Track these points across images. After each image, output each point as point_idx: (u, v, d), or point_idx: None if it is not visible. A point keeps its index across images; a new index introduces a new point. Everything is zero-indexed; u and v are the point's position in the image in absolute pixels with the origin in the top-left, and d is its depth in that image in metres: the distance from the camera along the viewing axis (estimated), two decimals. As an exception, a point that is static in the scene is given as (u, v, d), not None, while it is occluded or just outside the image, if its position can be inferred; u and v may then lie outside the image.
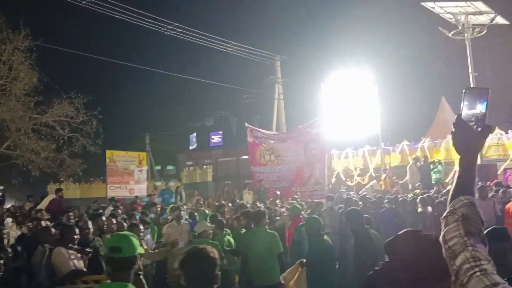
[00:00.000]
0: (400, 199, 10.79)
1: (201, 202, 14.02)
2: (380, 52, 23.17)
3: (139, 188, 21.43)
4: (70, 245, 5.48)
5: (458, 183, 1.51)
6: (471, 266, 1.29)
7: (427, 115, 24.41)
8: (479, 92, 1.56)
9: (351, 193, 15.27)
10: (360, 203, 10.47)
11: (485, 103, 1.53)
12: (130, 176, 21.61)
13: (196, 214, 9.52)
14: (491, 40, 21.82)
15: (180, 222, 8.32)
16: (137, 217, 8.95)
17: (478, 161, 1.60)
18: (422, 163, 15.98)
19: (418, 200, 10.36)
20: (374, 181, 15.79)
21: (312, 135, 17.23)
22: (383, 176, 16.46)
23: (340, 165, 21.78)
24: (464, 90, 1.57)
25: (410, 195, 11.57)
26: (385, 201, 10.67)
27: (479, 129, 1.51)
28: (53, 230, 6.08)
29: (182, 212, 8.93)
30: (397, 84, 23.79)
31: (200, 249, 2.71)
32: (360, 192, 14.25)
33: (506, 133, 18.33)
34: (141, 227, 7.14)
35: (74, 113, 19.43)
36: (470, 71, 17.26)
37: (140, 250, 3.16)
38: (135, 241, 3.13)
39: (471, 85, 16.68)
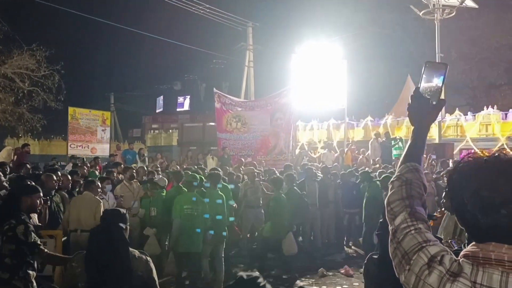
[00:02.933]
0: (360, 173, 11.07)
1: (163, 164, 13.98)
2: (351, 27, 23.22)
3: (101, 147, 20.99)
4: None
5: (407, 150, 1.60)
6: (408, 225, 1.37)
7: (393, 92, 24.89)
8: (438, 67, 1.62)
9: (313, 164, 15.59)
10: (320, 174, 10.73)
11: (442, 78, 1.59)
12: (92, 135, 21.07)
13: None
14: (458, 23, 22.26)
15: (131, 182, 8.35)
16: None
17: (437, 140, 1.68)
18: (384, 139, 16.38)
19: (377, 174, 10.66)
20: (325, 151, 16.05)
21: (280, 105, 17.26)
22: (345, 150, 16.81)
23: (304, 137, 22.07)
24: (424, 64, 1.63)
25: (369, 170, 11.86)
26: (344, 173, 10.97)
27: (434, 102, 1.57)
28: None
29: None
30: (366, 60, 24.02)
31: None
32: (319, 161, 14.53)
33: (465, 115, 19.03)
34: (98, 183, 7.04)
35: (35, 66, 18.65)
36: (437, 51, 17.62)
37: None
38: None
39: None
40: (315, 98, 18.52)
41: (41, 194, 4.31)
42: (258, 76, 23.93)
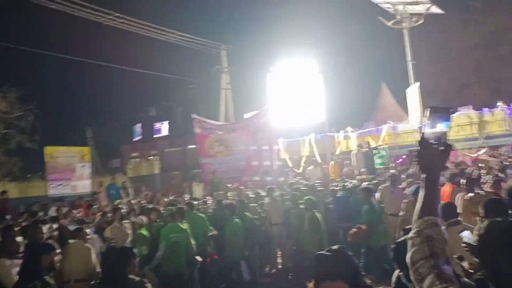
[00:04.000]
0: (347, 187, 11.09)
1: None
2: (324, 41, 23.54)
3: (82, 184, 20.55)
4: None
5: (423, 202, 1.56)
6: None
7: (369, 101, 25.24)
8: (442, 112, 1.61)
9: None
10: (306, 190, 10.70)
11: (447, 122, 1.59)
12: (72, 172, 20.66)
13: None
14: (426, 28, 22.86)
15: (122, 222, 8.14)
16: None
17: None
18: (366, 149, 16.52)
19: (361, 188, 10.64)
20: (311, 167, 16.00)
21: (260, 124, 17.32)
22: (331, 162, 16.84)
23: (287, 153, 22.06)
24: (429, 110, 1.61)
25: (354, 181, 11.89)
26: (338, 188, 10.97)
27: (441, 148, 1.56)
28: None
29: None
30: (341, 72, 24.34)
31: None
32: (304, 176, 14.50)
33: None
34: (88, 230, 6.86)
35: (8, 108, 18.23)
36: (408, 59, 18.00)
37: None
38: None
39: (410, 74, 17.47)
40: (294, 115, 18.63)
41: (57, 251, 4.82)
42: (236, 97, 23.96)
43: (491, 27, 23.37)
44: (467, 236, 3.68)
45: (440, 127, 1.58)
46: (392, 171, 13.17)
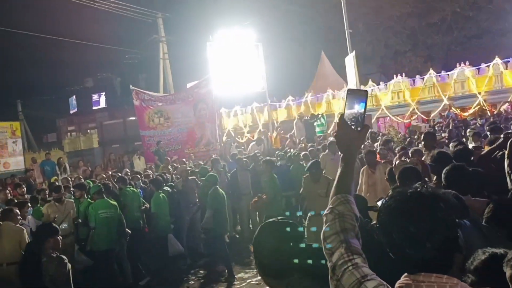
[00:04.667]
0: (288, 155, 11.34)
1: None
2: (262, 10, 23.31)
3: (15, 161, 19.52)
4: None
5: (337, 181, 1.63)
6: (345, 261, 1.42)
7: (309, 70, 25.55)
8: (359, 93, 1.66)
9: (242, 149, 15.68)
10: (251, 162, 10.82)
11: (363, 104, 1.63)
12: (3, 149, 19.54)
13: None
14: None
15: (61, 201, 7.81)
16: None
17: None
18: (307, 117, 16.83)
19: (302, 155, 10.95)
20: (253, 143, 15.99)
21: (201, 95, 17.08)
22: (274, 133, 17.04)
23: (230, 123, 22.09)
24: (347, 91, 1.66)
25: (294, 151, 12.14)
26: (279, 158, 11.19)
27: (359, 128, 1.61)
28: None
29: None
30: (280, 41, 24.34)
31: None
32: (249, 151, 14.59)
33: (378, 84, 20.05)
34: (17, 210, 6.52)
35: None
36: (346, 27, 18.26)
37: None
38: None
39: (348, 44, 17.81)
40: (235, 84, 18.54)
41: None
42: (175, 67, 23.39)
43: (424, -5, 24.19)
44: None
45: (357, 108, 1.62)
46: (330, 138, 13.58)
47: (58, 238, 4.90)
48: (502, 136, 4.81)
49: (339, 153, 1.70)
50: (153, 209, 8.13)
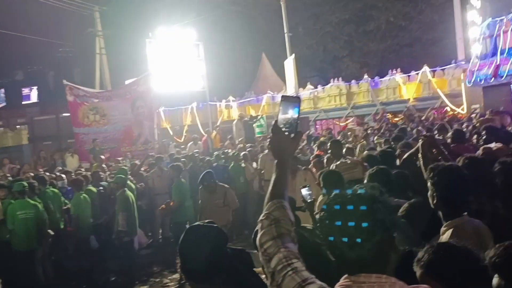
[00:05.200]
0: (224, 156, 11.39)
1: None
2: (203, 9, 23.13)
3: None
4: None
5: (272, 187, 1.64)
6: (284, 265, 1.42)
7: (250, 71, 25.74)
8: (292, 100, 1.69)
9: (180, 148, 15.48)
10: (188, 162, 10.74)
11: (297, 109, 1.66)
12: None
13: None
14: (303, 1, 23.81)
15: None
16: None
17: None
18: (247, 118, 16.96)
19: (241, 155, 11.05)
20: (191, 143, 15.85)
21: (139, 92, 16.70)
22: (214, 133, 16.99)
23: (168, 122, 21.75)
24: (281, 98, 1.69)
25: (232, 151, 12.20)
26: (213, 158, 11.20)
27: (292, 135, 1.63)
28: None
29: None
30: (221, 41, 24.30)
31: None
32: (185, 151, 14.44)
33: (316, 87, 20.61)
34: None
35: None
36: (285, 31, 18.59)
37: None
38: None
39: (287, 47, 18.13)
40: (175, 83, 18.33)
41: None
42: (113, 63, 22.63)
43: (360, 3, 25.11)
44: (305, 192, 4.03)
45: (291, 113, 1.64)
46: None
47: None
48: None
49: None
50: (72, 210, 7.85)
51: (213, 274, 1.90)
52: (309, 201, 4.11)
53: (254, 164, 10.82)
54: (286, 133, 1.63)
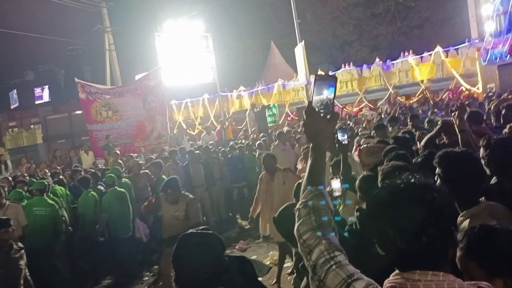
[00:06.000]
0: (238, 146, 11.36)
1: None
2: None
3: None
4: None
5: (308, 172, 1.53)
6: (326, 259, 1.33)
7: (259, 60, 25.59)
8: (327, 79, 1.58)
9: (194, 141, 15.51)
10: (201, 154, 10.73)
11: (333, 89, 1.55)
12: None
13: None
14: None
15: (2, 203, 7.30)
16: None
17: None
18: (258, 109, 16.88)
19: (256, 144, 11.02)
20: (204, 133, 15.84)
21: (150, 87, 16.71)
22: (226, 124, 16.96)
23: (181, 115, 21.78)
24: (315, 77, 1.57)
25: (246, 142, 12.16)
26: (227, 149, 11.18)
27: (328, 116, 1.53)
28: None
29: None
30: (230, 31, 24.17)
31: None
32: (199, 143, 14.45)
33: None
34: None
35: None
36: (294, 17, 18.35)
37: None
38: None
39: (297, 34, 17.92)
40: (186, 76, 18.29)
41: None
42: (122, 59, 22.67)
43: (368, -14, 24.76)
44: (337, 185, 3.82)
45: (326, 93, 1.54)
46: (285, 128, 13.73)
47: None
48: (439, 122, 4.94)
49: (308, 141, 1.59)
50: (80, 209, 7.78)
51: (210, 284, 1.75)
52: (337, 195, 3.87)
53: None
54: (322, 115, 1.53)
